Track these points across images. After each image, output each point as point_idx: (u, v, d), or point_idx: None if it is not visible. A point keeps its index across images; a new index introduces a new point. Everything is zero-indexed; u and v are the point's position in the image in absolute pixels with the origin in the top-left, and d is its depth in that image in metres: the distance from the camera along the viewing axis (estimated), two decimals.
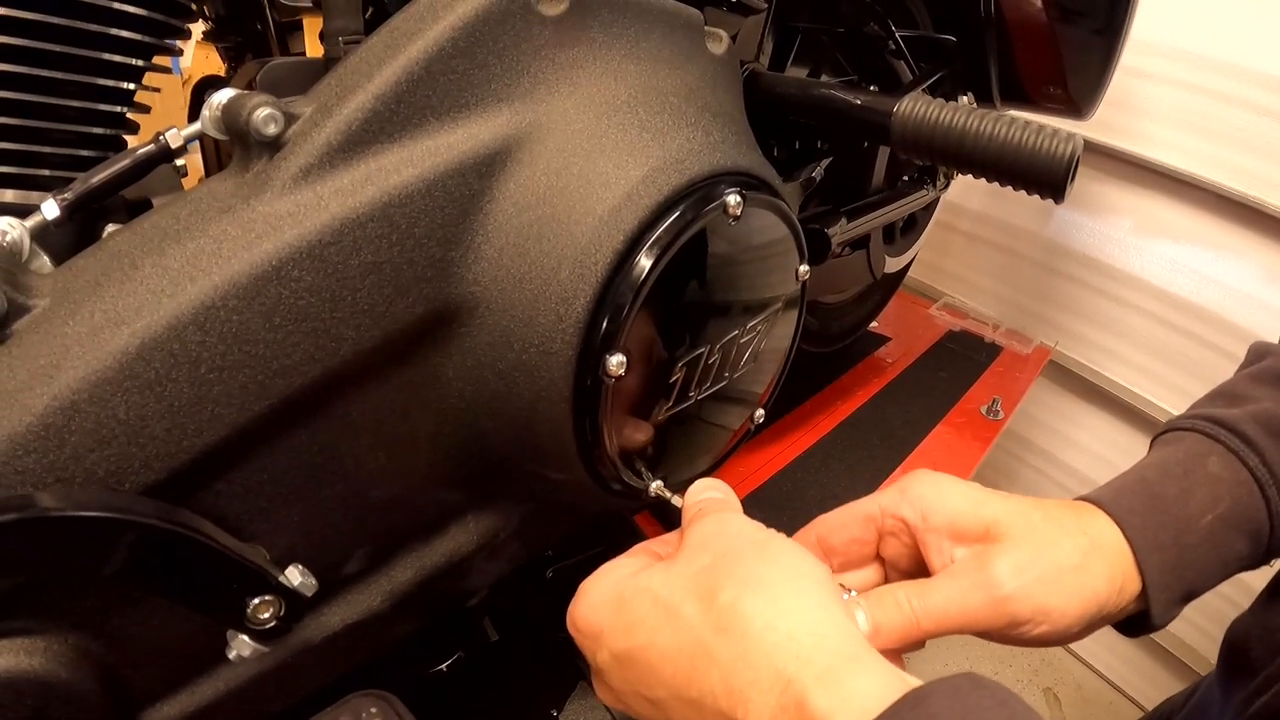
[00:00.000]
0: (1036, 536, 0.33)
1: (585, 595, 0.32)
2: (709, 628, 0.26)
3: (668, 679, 0.27)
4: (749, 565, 0.28)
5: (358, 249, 0.34)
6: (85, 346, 0.31)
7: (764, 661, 0.24)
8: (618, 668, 0.29)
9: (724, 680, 0.25)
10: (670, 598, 0.28)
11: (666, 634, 0.27)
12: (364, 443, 0.38)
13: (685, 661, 0.27)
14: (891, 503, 0.35)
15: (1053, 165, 0.50)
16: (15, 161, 0.42)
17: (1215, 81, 1.07)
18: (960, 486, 0.34)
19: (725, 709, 0.25)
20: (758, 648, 0.25)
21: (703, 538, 0.30)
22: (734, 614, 0.26)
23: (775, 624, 0.25)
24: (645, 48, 0.43)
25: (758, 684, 0.24)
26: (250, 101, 0.34)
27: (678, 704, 0.27)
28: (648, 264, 0.38)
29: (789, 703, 0.23)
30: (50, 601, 0.32)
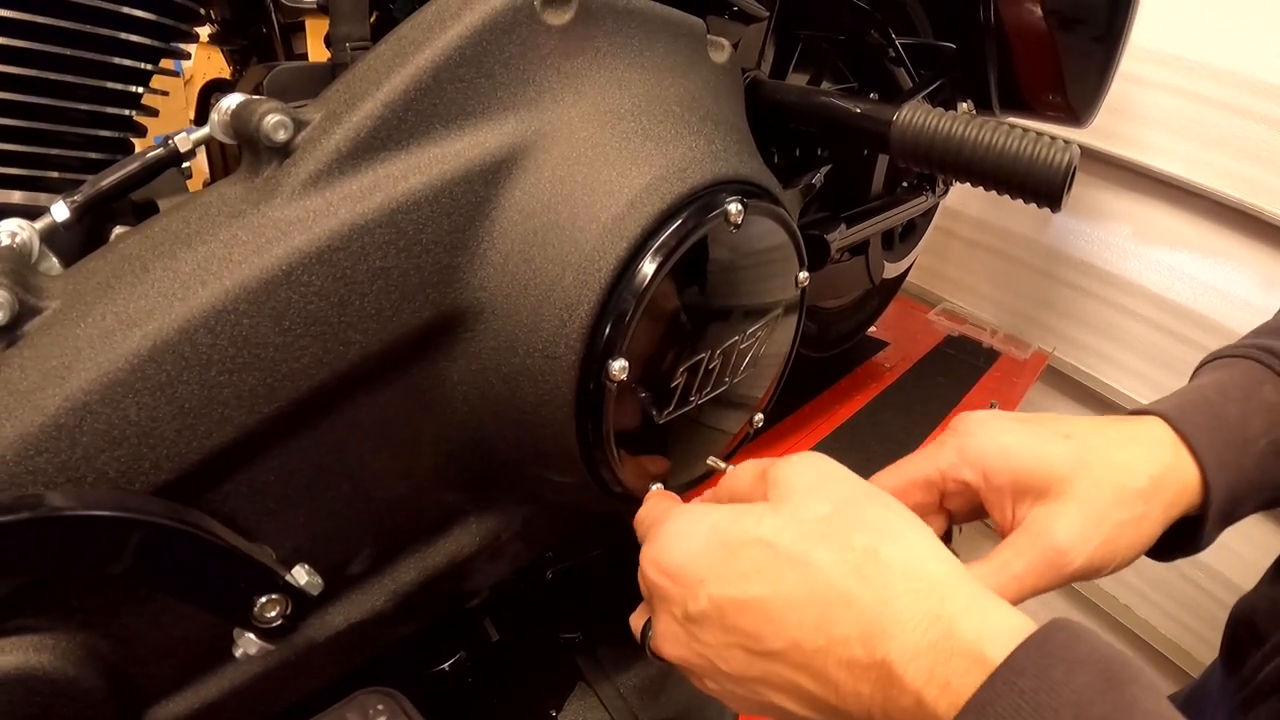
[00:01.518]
0: (1100, 492, 0.33)
1: (676, 541, 0.30)
2: (847, 572, 0.26)
3: (791, 628, 0.27)
4: (875, 513, 0.28)
5: (366, 254, 0.35)
6: (97, 348, 0.31)
7: (909, 602, 0.25)
8: (719, 618, 0.28)
9: (863, 625, 0.25)
10: (793, 546, 0.27)
11: (792, 582, 0.27)
12: (369, 445, 0.39)
13: (816, 609, 0.26)
14: (951, 467, 0.35)
15: (1050, 174, 0.51)
16: (23, 164, 0.42)
17: (1214, 89, 1.07)
18: (1020, 437, 0.34)
19: (860, 653, 0.25)
20: (903, 591, 0.25)
21: (807, 484, 0.30)
22: (873, 559, 0.26)
23: (916, 570, 0.26)
24: (648, 56, 0.44)
25: (903, 623, 0.25)
26: (260, 107, 0.35)
27: (796, 654, 0.27)
28: (650, 271, 0.38)
29: (937, 636, 0.24)
30: (59, 600, 0.33)
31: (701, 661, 0.30)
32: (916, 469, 0.36)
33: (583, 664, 0.60)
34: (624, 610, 0.38)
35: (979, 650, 0.23)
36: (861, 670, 0.25)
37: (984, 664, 0.23)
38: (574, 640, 0.61)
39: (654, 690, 0.60)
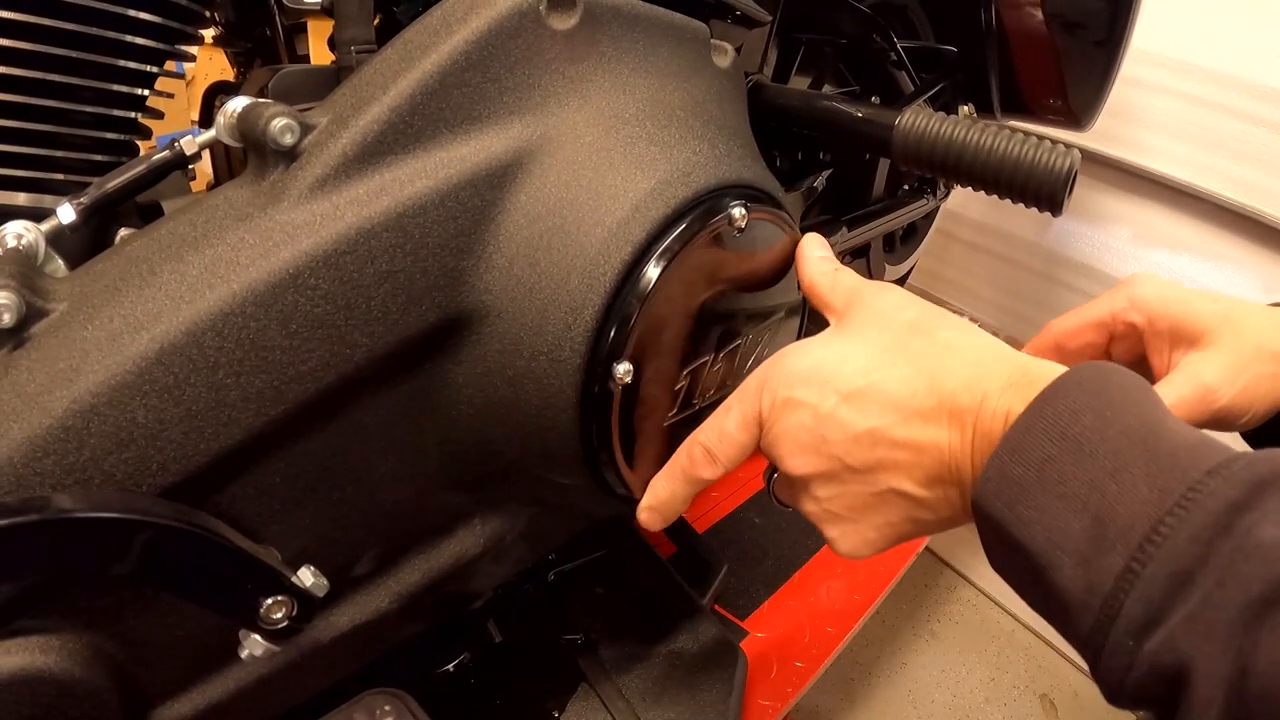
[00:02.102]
0: (1243, 345, 0.38)
1: (798, 360, 0.36)
2: (941, 352, 0.33)
3: (908, 398, 0.33)
4: (949, 316, 0.35)
5: (373, 258, 0.35)
6: (104, 351, 0.31)
7: (993, 360, 0.32)
8: (847, 407, 0.34)
9: (963, 380, 0.32)
10: (892, 341, 0.34)
11: (900, 364, 0.34)
12: (375, 447, 0.39)
13: (925, 380, 0.33)
14: (1123, 311, 0.41)
15: (1050, 178, 0.51)
16: (29, 166, 0.42)
17: (1214, 93, 1.07)
18: (1180, 295, 0.40)
19: (965, 402, 0.31)
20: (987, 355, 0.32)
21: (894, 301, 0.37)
22: (958, 341, 0.33)
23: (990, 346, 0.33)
24: (653, 61, 0.44)
25: (992, 372, 0.31)
26: (267, 111, 0.35)
27: (913, 419, 0.33)
28: (655, 274, 0.39)
29: (1018, 375, 0.31)
30: (66, 601, 0.33)
31: (832, 464, 0.35)
32: (1092, 312, 0.42)
33: (585, 665, 0.60)
34: (626, 611, 0.38)
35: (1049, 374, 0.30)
36: (966, 415, 0.31)
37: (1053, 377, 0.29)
38: (576, 641, 0.62)
39: (656, 691, 0.60)
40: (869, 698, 1.16)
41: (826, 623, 0.77)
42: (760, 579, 0.80)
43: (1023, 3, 0.81)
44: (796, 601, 0.79)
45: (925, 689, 1.18)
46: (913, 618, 1.29)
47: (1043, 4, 0.80)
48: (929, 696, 1.17)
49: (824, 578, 0.82)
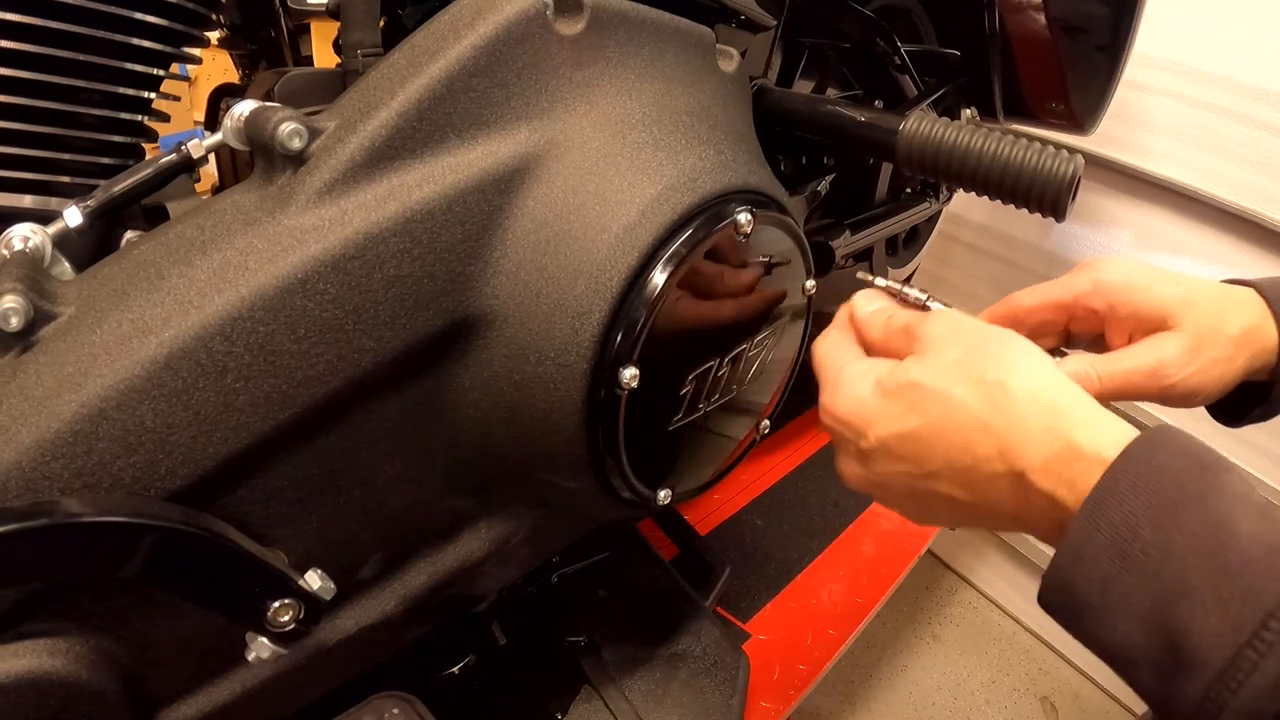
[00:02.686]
0: (1202, 330, 0.39)
1: (844, 390, 0.36)
2: (983, 403, 0.31)
3: (942, 452, 0.32)
4: (1000, 352, 0.33)
5: (381, 263, 0.35)
6: (113, 355, 0.31)
7: (1035, 422, 0.30)
8: (885, 450, 0.34)
9: (999, 444, 0.30)
10: (937, 384, 0.33)
11: (940, 414, 0.32)
12: (382, 450, 0.39)
13: (962, 435, 0.32)
14: (1084, 295, 0.41)
15: (1054, 185, 0.51)
16: (35, 168, 0.42)
17: (1217, 96, 1.07)
18: (1144, 280, 0.40)
19: (1000, 469, 0.30)
20: (1028, 413, 0.30)
21: (943, 335, 0.35)
22: (1002, 392, 0.31)
23: (1038, 395, 0.31)
24: (659, 66, 0.44)
25: (1030, 438, 0.30)
26: (275, 116, 0.35)
27: (949, 472, 0.32)
28: (661, 280, 0.39)
29: (1060, 447, 0.29)
30: (74, 604, 0.33)
31: (877, 488, 0.36)
32: (1054, 293, 0.42)
33: (588, 667, 0.60)
34: (629, 613, 0.38)
35: (1096, 453, 0.28)
36: (1003, 481, 0.31)
37: (1100, 462, 0.28)
38: (579, 643, 0.62)
39: (659, 693, 0.60)
40: (870, 700, 1.16)
41: (828, 625, 0.77)
42: (762, 581, 0.80)
43: (1026, 6, 0.81)
44: (798, 604, 0.79)
45: (926, 691, 1.18)
46: (914, 620, 1.30)
47: (1046, 8, 0.80)
48: (930, 699, 1.17)
49: (826, 580, 0.82)
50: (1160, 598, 0.25)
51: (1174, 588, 0.25)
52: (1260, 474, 1.08)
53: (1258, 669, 0.23)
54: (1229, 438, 0.79)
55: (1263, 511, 0.25)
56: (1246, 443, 1.08)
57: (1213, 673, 0.23)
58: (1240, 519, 0.25)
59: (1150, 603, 0.25)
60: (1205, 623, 0.24)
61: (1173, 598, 0.25)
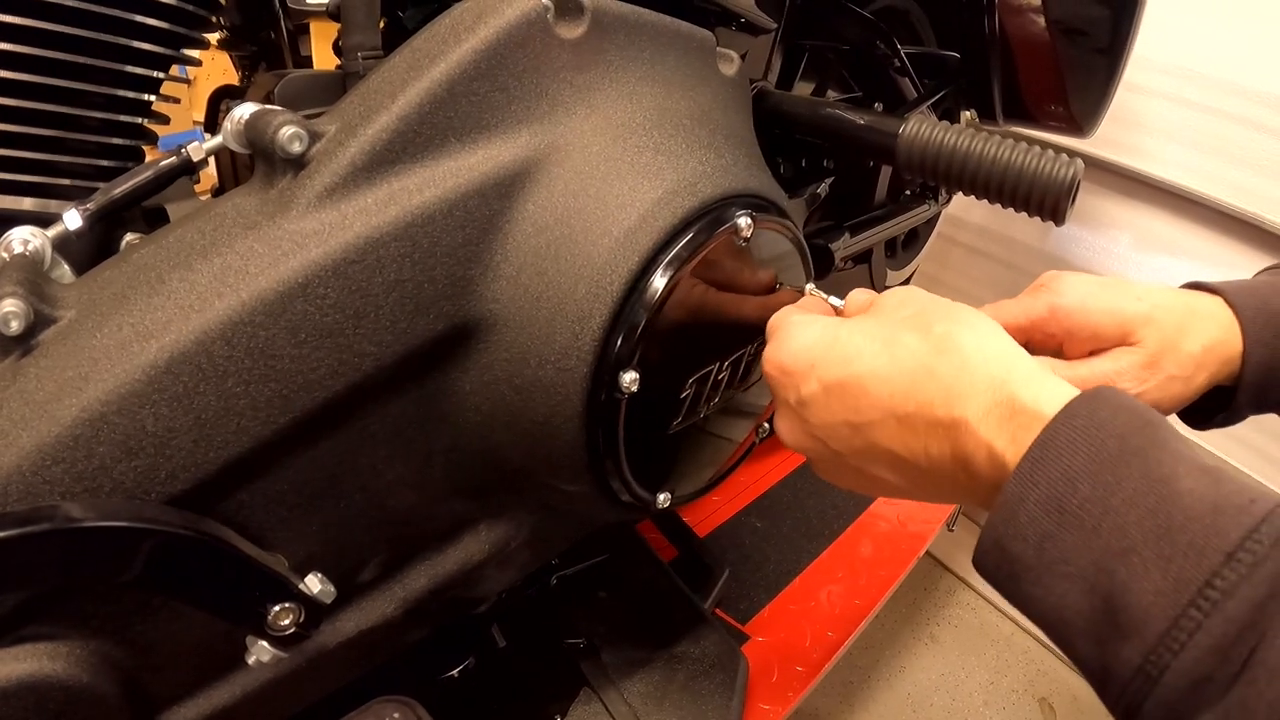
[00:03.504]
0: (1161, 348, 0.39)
1: (790, 338, 0.36)
2: (928, 351, 0.31)
3: (885, 399, 0.32)
4: (950, 310, 0.33)
5: (381, 267, 0.35)
6: (114, 359, 0.31)
7: (980, 370, 0.30)
8: (825, 397, 0.34)
9: (943, 390, 0.30)
10: (886, 332, 0.33)
11: (885, 359, 0.32)
12: (383, 454, 0.39)
13: (905, 380, 0.31)
14: (1042, 321, 0.40)
15: (1053, 188, 0.51)
16: (35, 171, 0.42)
17: (1216, 98, 1.08)
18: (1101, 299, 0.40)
19: (942, 416, 0.30)
20: (973, 362, 0.30)
21: (899, 299, 0.35)
22: (950, 340, 0.31)
23: (984, 347, 0.31)
24: (660, 70, 0.44)
25: (975, 387, 0.29)
26: (275, 119, 0.35)
27: (887, 421, 0.32)
28: (661, 284, 0.39)
29: (1002, 398, 0.29)
30: (74, 608, 0.33)
31: (815, 444, 0.35)
32: (1010, 314, 0.42)
33: (587, 670, 0.60)
34: (628, 615, 0.38)
35: (1037, 408, 0.28)
36: (944, 430, 0.30)
37: (1040, 418, 0.27)
38: (579, 646, 0.62)
39: (658, 695, 0.60)
40: (868, 701, 1.16)
41: (827, 627, 0.77)
42: (761, 583, 0.80)
43: (1025, 9, 0.81)
44: (797, 606, 0.79)
45: (924, 692, 1.19)
46: (912, 621, 1.30)
47: (1045, 11, 0.80)
48: (928, 700, 1.18)
49: (824, 582, 0.82)
50: (1099, 556, 0.24)
51: (1113, 545, 0.24)
52: (1260, 475, 1.08)
53: (1201, 628, 0.21)
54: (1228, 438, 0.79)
55: (1205, 470, 0.24)
56: (1244, 443, 1.09)
57: (1153, 634, 0.22)
58: (1183, 476, 0.24)
59: (1089, 561, 0.24)
60: (1146, 580, 0.23)
61: (1112, 556, 0.24)
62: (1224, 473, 0.24)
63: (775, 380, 0.36)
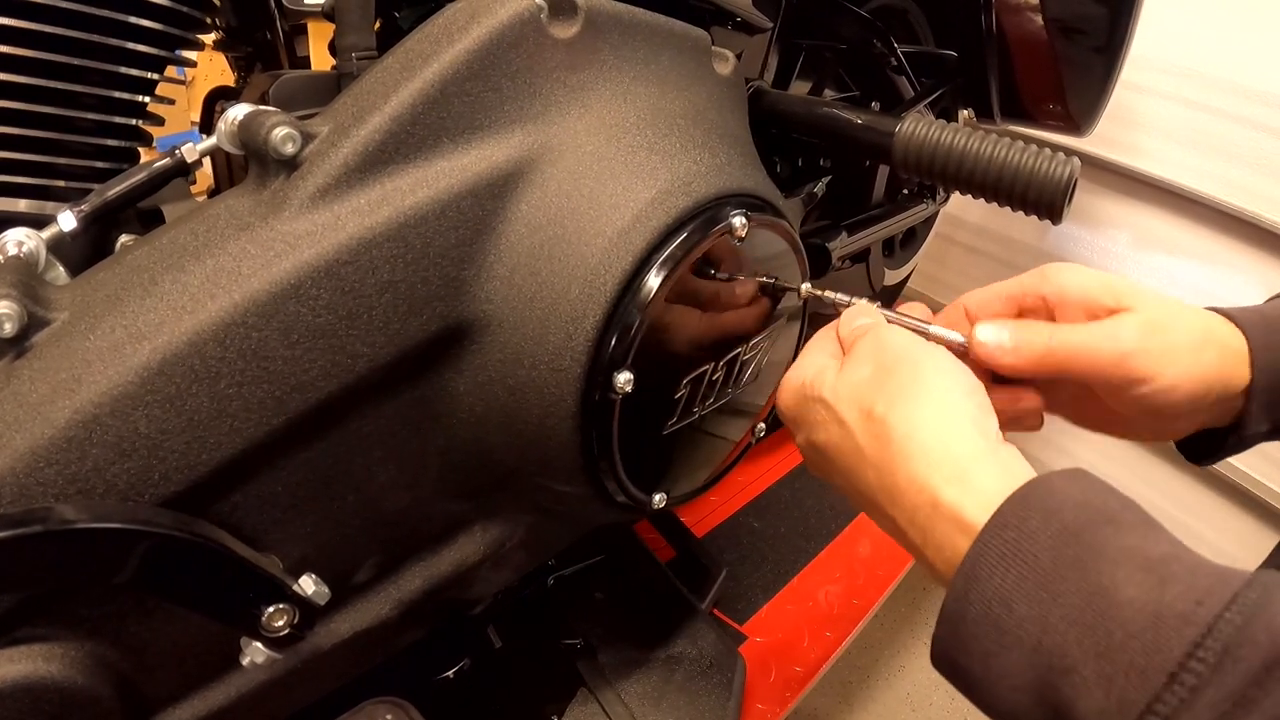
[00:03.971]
0: (1163, 313, 0.36)
1: (784, 388, 0.37)
2: (867, 437, 0.31)
3: (841, 470, 0.33)
4: (901, 379, 0.32)
5: (374, 268, 0.35)
6: (106, 361, 0.31)
7: (901, 468, 0.29)
8: (812, 453, 0.36)
9: (878, 479, 0.30)
10: (836, 405, 0.33)
11: (838, 438, 0.33)
12: (376, 456, 0.39)
13: (850, 460, 0.32)
14: (1033, 284, 0.39)
15: (1050, 187, 0.51)
16: (30, 172, 0.42)
17: (1214, 97, 1.08)
18: (1096, 273, 0.38)
19: (882, 502, 0.30)
20: (897, 457, 0.30)
21: (864, 351, 0.35)
22: (883, 425, 0.31)
23: (913, 435, 0.30)
24: (654, 69, 0.44)
25: (898, 487, 0.29)
26: (269, 120, 0.35)
27: (850, 489, 0.33)
28: (655, 284, 0.39)
29: (923, 501, 0.28)
30: (68, 609, 0.33)
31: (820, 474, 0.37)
32: (1004, 286, 0.41)
33: (584, 670, 0.60)
34: (625, 616, 0.38)
35: (958, 515, 0.27)
36: (886, 518, 0.31)
37: (965, 528, 0.26)
38: (575, 646, 0.62)
39: (655, 696, 0.60)
40: (867, 700, 1.16)
41: (825, 627, 0.77)
42: (759, 583, 0.80)
43: (1023, 8, 0.81)
44: (795, 606, 0.79)
45: (923, 691, 1.19)
46: (911, 620, 1.30)
47: (1043, 9, 0.80)
48: (927, 699, 1.18)
49: (822, 582, 0.82)
50: (1043, 673, 0.23)
51: (1055, 664, 0.23)
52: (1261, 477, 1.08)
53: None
54: None
55: (1150, 568, 0.23)
56: None
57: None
58: (1123, 584, 0.23)
59: (1033, 677, 0.23)
60: (1090, 700, 0.22)
61: (1055, 674, 0.23)
62: (1171, 568, 0.23)
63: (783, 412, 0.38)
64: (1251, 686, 0.20)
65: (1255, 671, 0.20)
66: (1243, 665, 0.20)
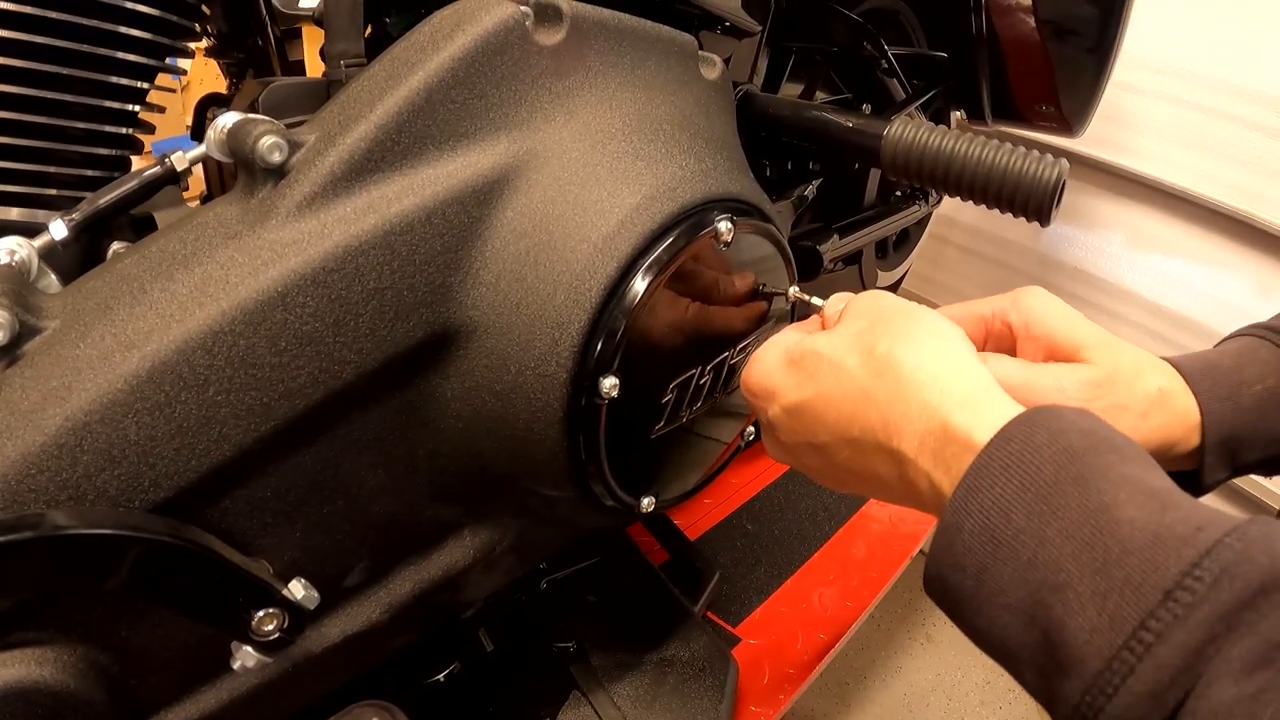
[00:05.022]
0: (1117, 372, 0.36)
1: (759, 362, 0.37)
2: (869, 374, 0.31)
3: (832, 423, 0.32)
4: (899, 324, 0.32)
5: (360, 276, 0.35)
6: (97, 369, 0.32)
7: (913, 396, 0.29)
8: (788, 419, 0.34)
9: (881, 416, 0.30)
10: (834, 354, 0.33)
11: (832, 384, 0.32)
12: (365, 461, 0.39)
13: (849, 405, 0.31)
14: (1002, 309, 0.39)
15: (1038, 189, 0.51)
16: (22, 181, 0.43)
17: (1207, 97, 1.08)
18: (1065, 311, 0.38)
19: (882, 440, 0.30)
20: (908, 386, 0.30)
21: (860, 308, 0.35)
22: (888, 361, 0.31)
23: (922, 366, 0.30)
24: (640, 75, 0.44)
25: (908, 415, 0.29)
26: (256, 128, 0.35)
27: (840, 444, 0.32)
28: (641, 289, 0.39)
29: (934, 426, 0.28)
30: (60, 614, 0.33)
31: (790, 459, 0.37)
32: (975, 306, 0.41)
33: (577, 673, 0.60)
34: (618, 619, 0.39)
35: (969, 437, 0.27)
36: (886, 455, 0.30)
37: (971, 446, 0.27)
38: (568, 649, 0.62)
39: (648, 699, 0.61)
40: (864, 702, 1.16)
41: (819, 629, 0.77)
42: (752, 586, 0.80)
43: (1014, 9, 0.81)
44: (789, 608, 0.79)
45: (921, 693, 1.19)
46: (907, 621, 1.30)
47: (1034, 10, 0.80)
48: (924, 700, 1.18)
49: (817, 584, 0.83)
50: (1035, 590, 0.23)
51: (1049, 579, 0.23)
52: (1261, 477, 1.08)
53: (1134, 672, 0.21)
54: None
55: (1152, 494, 0.23)
56: None
57: (1089, 674, 0.21)
58: (1124, 503, 0.23)
59: (1025, 594, 0.23)
60: (1081, 618, 0.22)
61: (1048, 590, 0.23)
62: (1173, 498, 0.23)
63: (749, 402, 0.38)
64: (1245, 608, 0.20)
65: (1251, 592, 0.20)
66: (1239, 584, 0.20)
